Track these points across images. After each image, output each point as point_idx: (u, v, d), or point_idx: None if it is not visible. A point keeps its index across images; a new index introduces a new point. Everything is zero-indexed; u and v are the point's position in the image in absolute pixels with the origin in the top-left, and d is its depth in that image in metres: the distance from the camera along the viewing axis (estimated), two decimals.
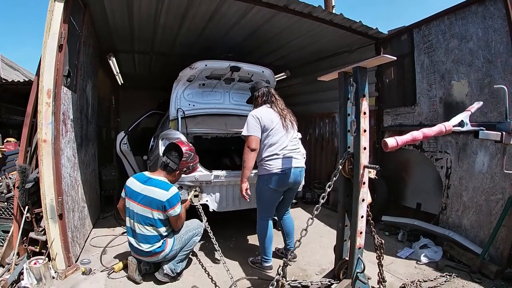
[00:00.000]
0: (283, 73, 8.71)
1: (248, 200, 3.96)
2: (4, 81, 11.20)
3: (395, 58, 2.66)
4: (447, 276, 3.83)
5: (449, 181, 4.74)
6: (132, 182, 3.69)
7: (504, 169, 2.58)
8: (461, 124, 2.46)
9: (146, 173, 3.79)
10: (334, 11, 8.24)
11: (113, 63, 7.87)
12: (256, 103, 4.11)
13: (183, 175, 3.94)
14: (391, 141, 2.28)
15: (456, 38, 4.61)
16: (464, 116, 2.51)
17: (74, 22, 4.17)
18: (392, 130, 5.80)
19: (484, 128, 2.35)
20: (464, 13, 4.49)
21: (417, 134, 2.35)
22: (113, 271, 3.84)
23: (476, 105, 2.96)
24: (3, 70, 12.96)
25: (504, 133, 2.32)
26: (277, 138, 3.84)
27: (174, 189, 3.56)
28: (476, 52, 4.34)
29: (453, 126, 2.43)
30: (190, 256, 4.19)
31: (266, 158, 3.83)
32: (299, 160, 3.98)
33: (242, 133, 3.90)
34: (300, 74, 8.74)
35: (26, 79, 11.15)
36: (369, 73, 2.90)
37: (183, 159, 3.74)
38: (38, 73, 3.81)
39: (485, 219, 4.25)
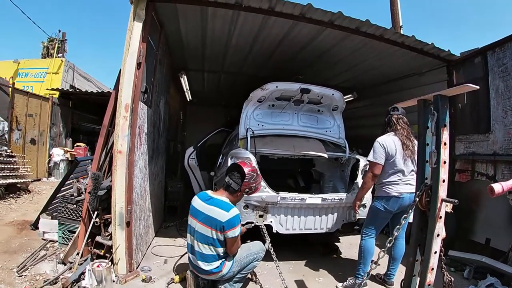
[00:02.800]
0: (350, 95, 8.57)
1: (358, 213, 4.56)
2: (78, 90, 12.08)
3: (478, 87, 2.54)
4: None
5: None
6: (195, 200, 3.71)
7: None
8: None
9: (209, 192, 3.75)
10: (401, 31, 8.06)
11: (184, 80, 8.20)
12: (383, 129, 4.31)
13: (248, 195, 3.94)
14: (497, 187, 2.28)
15: None
16: None
17: (152, 42, 4.42)
18: (465, 159, 5.50)
19: None
20: None
21: None
22: (173, 282, 3.91)
23: None
24: (77, 80, 13.99)
25: None
26: (399, 166, 4.01)
27: (235, 211, 3.49)
28: None
29: None
30: (248, 276, 4.16)
31: (386, 182, 4.05)
32: (413, 186, 3.91)
33: (368, 158, 4.14)
34: (367, 96, 8.59)
35: (99, 90, 11.98)
36: None
37: (245, 180, 3.66)
38: (116, 88, 4.06)
39: None
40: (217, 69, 7.60)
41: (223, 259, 3.54)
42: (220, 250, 3.49)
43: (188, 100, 11.38)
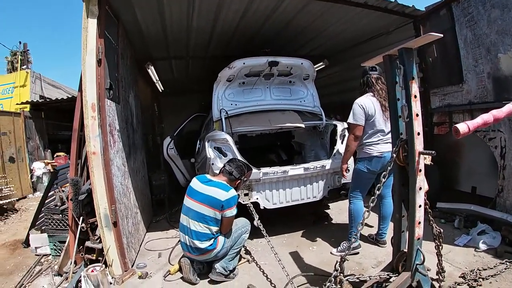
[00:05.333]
0: (321, 63, 8.56)
1: (347, 178, 4.50)
2: (48, 99, 11.77)
3: (442, 35, 2.53)
4: (507, 263, 3.62)
5: (505, 162, 4.45)
6: (193, 182, 3.89)
7: None
8: None
9: (208, 176, 3.95)
10: None
11: (151, 71, 8.06)
12: (362, 90, 4.29)
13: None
14: (463, 127, 2.19)
15: (497, 7, 4.32)
16: None
17: (110, 36, 4.30)
18: (441, 112, 5.55)
19: None
20: None
21: (487, 117, 2.24)
22: (169, 274, 3.92)
23: None
24: (46, 89, 13.63)
25: None
26: (378, 126, 4.04)
27: (233, 192, 3.71)
28: None
29: None
30: (243, 255, 4.28)
31: (367, 143, 4.11)
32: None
33: (348, 121, 4.13)
34: (338, 62, 8.58)
35: (69, 96, 11.68)
36: None
37: (248, 171, 4.05)
38: (80, 89, 3.95)
39: None
40: (183, 54, 7.46)
41: (216, 238, 3.69)
42: (214, 229, 3.65)
43: (160, 91, 11.26)
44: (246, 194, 4.51)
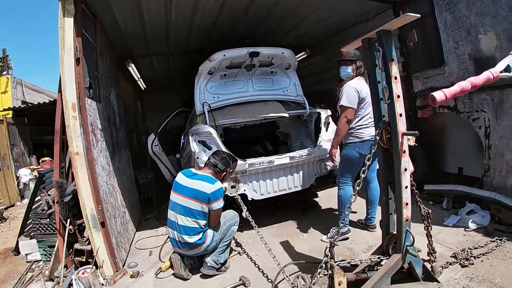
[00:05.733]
0: (303, 53, 8.59)
1: (336, 162, 4.40)
2: (30, 104, 11.57)
3: (419, 15, 2.54)
4: (498, 241, 3.69)
5: (489, 141, 4.53)
6: (179, 177, 3.88)
7: None
8: (507, 69, 2.30)
9: (193, 170, 3.93)
10: None
11: (132, 69, 7.97)
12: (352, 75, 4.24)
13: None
14: (439, 95, 2.19)
15: None
16: (509, 60, 2.36)
17: (87, 35, 4.23)
18: (424, 95, 5.58)
19: None
20: None
21: (465, 84, 2.24)
22: (161, 271, 3.91)
23: None
24: (28, 94, 13.37)
25: None
26: (369, 109, 4.01)
27: (219, 184, 3.70)
28: (499, 1, 4.10)
29: (500, 72, 2.27)
30: (234, 247, 4.29)
31: (357, 127, 4.12)
32: None
33: (341, 103, 4.05)
34: (320, 51, 8.60)
35: (51, 99, 11.48)
36: (392, 38, 2.78)
37: (233, 162, 4.03)
38: (60, 90, 3.89)
39: None
40: (164, 50, 7.39)
41: (205, 231, 3.70)
42: (202, 222, 3.65)
43: (143, 88, 11.15)
44: (233, 187, 4.50)
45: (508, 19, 4.03)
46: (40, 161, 10.90)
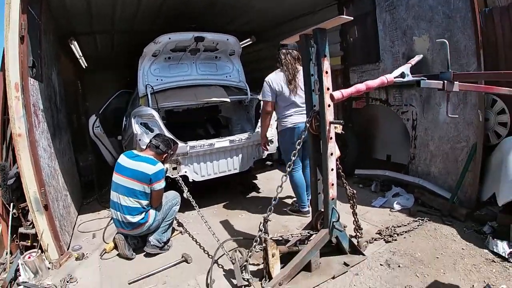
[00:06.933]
0: (248, 39, 8.72)
1: (268, 150, 4.88)
2: None
3: (352, 18, 2.81)
4: (420, 221, 4.09)
5: (416, 132, 4.97)
6: (121, 158, 3.93)
7: (448, 114, 2.79)
8: (402, 75, 2.63)
9: (135, 151, 4.00)
10: None
11: (75, 47, 7.68)
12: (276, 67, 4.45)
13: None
14: (337, 94, 2.43)
15: None
16: (405, 68, 2.69)
17: (33, 12, 4.08)
18: None
19: (425, 78, 2.54)
20: None
21: (361, 86, 2.50)
22: (105, 252, 3.97)
23: (417, 57, 3.16)
24: None
25: (445, 81, 2.50)
26: (289, 99, 4.27)
27: (160, 165, 3.81)
28: (435, 8, 4.44)
29: (394, 78, 2.60)
30: (176, 227, 4.44)
31: (282, 116, 4.39)
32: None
33: (258, 97, 4.38)
34: (266, 39, 8.75)
35: None
36: (333, 33, 3.04)
37: (175, 144, 4.17)
38: (3, 68, 3.76)
39: (452, 166, 4.51)
40: (108, 28, 7.12)
41: (147, 211, 3.80)
42: (144, 202, 3.76)
43: (84, 67, 10.73)
44: (174, 168, 4.62)
45: (442, 25, 4.39)
46: None
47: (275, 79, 4.26)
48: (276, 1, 6.25)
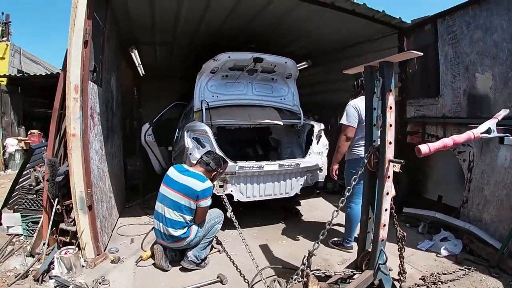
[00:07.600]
0: (304, 63, 8.64)
1: (335, 178, 4.44)
2: (26, 74, 11.37)
3: (422, 54, 2.68)
4: (466, 270, 3.81)
5: (471, 175, 4.65)
6: (171, 171, 3.95)
7: None
8: (488, 131, 2.49)
9: (185, 166, 4.02)
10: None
11: (135, 55, 7.96)
12: (355, 92, 4.33)
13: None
14: (424, 148, 2.36)
15: (480, 29, 4.48)
16: (491, 123, 2.57)
17: (98, 18, 4.24)
18: (415, 122, 5.72)
19: (509, 135, 2.40)
20: (489, 4, 4.35)
21: (448, 141, 2.43)
22: (141, 259, 3.97)
23: (503, 112, 2.98)
24: (25, 64, 13.00)
25: None
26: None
27: (209, 183, 3.80)
28: (500, 44, 4.22)
29: (481, 133, 2.46)
30: (215, 245, 4.36)
31: (356, 144, 4.17)
32: None
33: (341, 121, 4.17)
34: (321, 63, 8.68)
35: (48, 72, 11.29)
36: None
37: (225, 163, 4.13)
38: (64, 69, 3.91)
39: (506, 214, 4.18)
40: (169, 40, 7.39)
41: (190, 226, 3.78)
42: (188, 217, 3.74)
43: (141, 75, 11.10)
44: (221, 186, 4.59)
45: (506, 63, 4.14)
46: (29, 133, 10.73)
47: (361, 105, 3.98)
48: (334, 27, 6.22)
